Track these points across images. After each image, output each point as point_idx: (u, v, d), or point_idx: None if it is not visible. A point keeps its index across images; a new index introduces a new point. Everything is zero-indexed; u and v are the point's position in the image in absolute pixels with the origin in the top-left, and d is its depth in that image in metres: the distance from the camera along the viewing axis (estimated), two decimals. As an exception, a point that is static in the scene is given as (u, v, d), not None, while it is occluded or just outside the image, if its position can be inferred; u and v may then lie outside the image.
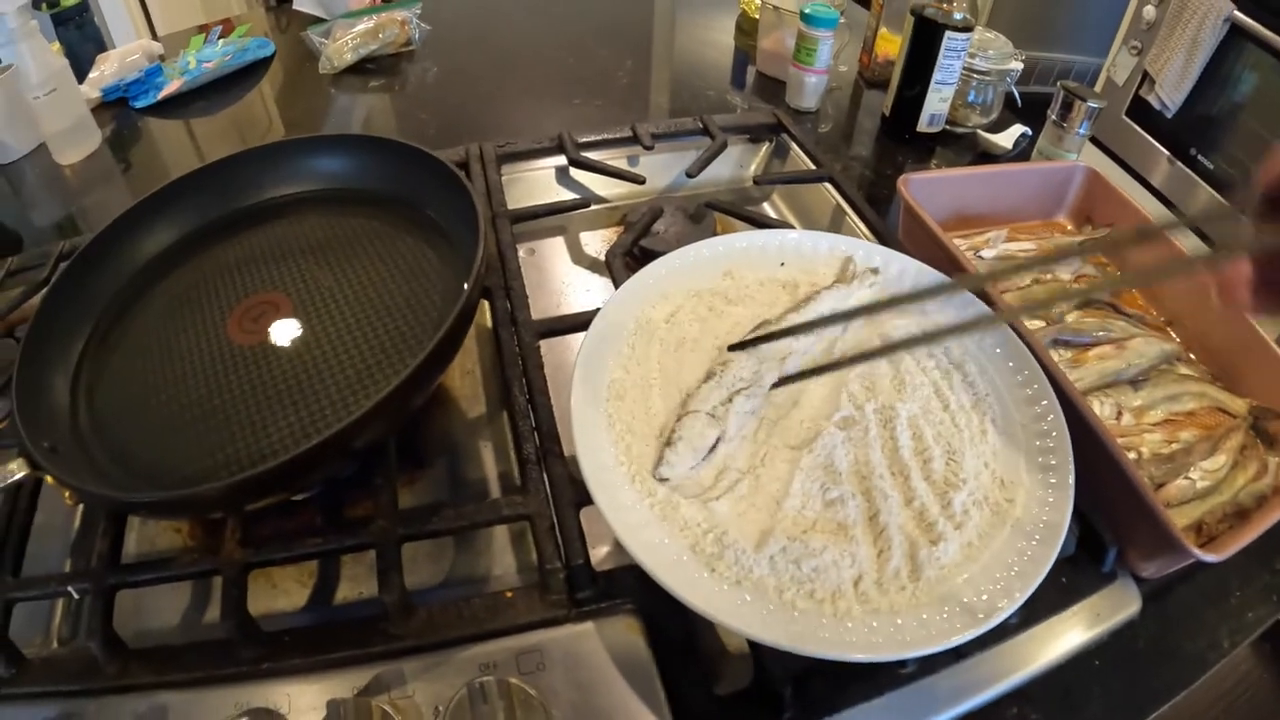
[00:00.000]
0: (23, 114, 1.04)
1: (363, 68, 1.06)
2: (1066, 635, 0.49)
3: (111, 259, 0.66)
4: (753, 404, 0.49)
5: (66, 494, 0.52)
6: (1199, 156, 1.01)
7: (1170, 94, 1.00)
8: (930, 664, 0.45)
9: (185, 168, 0.69)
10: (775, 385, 0.50)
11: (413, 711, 0.42)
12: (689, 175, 0.69)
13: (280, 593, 0.52)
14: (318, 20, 1.18)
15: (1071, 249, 0.69)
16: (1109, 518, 0.51)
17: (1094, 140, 0.88)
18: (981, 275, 0.55)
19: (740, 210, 0.66)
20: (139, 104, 1.10)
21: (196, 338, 0.60)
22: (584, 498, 0.47)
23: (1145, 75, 1.07)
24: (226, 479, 0.49)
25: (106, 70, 1.14)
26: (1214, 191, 1.03)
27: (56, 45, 1.14)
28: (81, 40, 1.26)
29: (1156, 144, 1.09)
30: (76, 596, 0.50)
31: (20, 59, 0.97)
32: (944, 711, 0.44)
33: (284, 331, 0.59)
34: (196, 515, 0.55)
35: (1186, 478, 0.55)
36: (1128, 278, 0.70)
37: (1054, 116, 0.75)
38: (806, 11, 0.81)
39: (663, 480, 0.45)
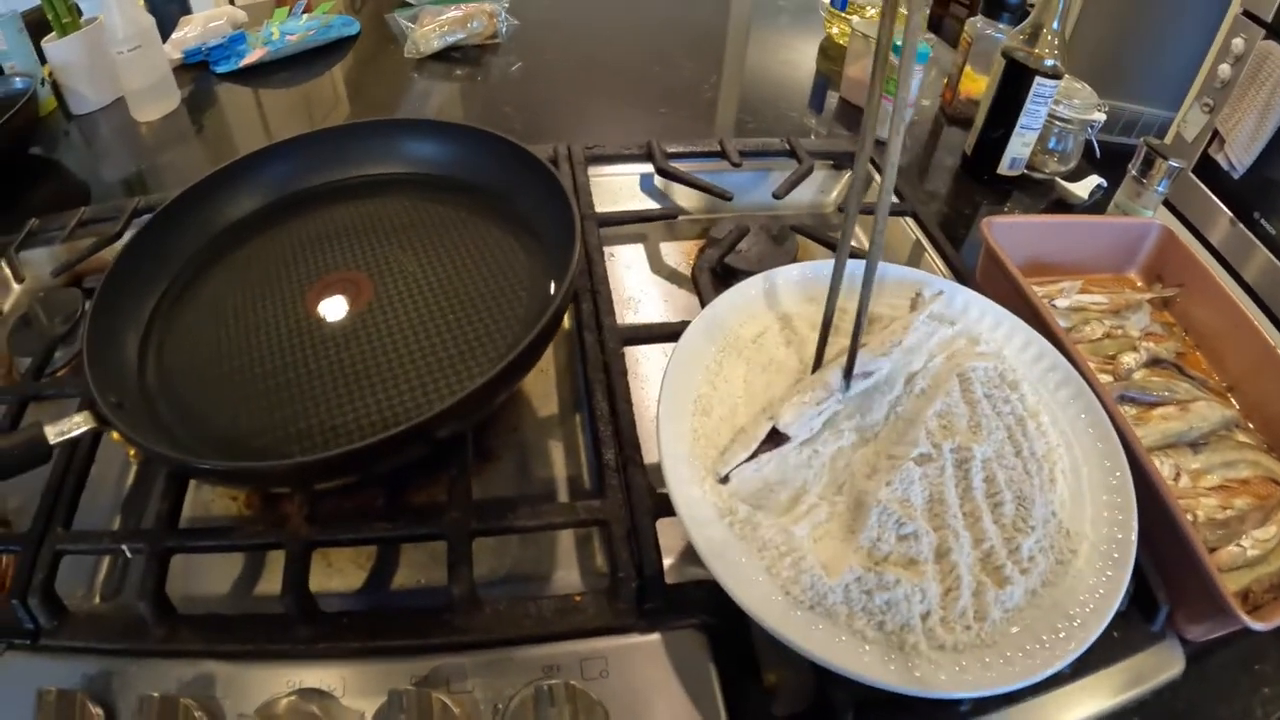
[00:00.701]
0: (103, 68, 1.06)
1: (447, 56, 1.08)
2: (1111, 691, 0.49)
3: (194, 219, 0.67)
4: (817, 395, 0.49)
5: (131, 451, 0.54)
6: (1261, 220, 1.01)
7: (1239, 154, 1.00)
8: (983, 705, 0.46)
9: (259, 137, 0.70)
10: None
11: (471, 707, 0.43)
12: (776, 196, 0.71)
13: (336, 572, 0.53)
14: (403, 4, 1.19)
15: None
16: (1162, 575, 0.52)
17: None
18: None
19: (824, 236, 0.67)
20: (220, 69, 1.12)
21: (274, 308, 0.61)
22: (661, 508, 0.48)
23: (1215, 133, 1.07)
24: (301, 456, 0.50)
25: (189, 33, 1.17)
26: (1273, 256, 1.03)
27: (141, 2, 1.16)
28: (165, 1, 1.29)
29: (1220, 203, 1.09)
30: (130, 555, 0.51)
31: (108, 13, 1.00)
32: None
33: (364, 311, 0.60)
34: (264, 488, 0.55)
35: (1238, 545, 0.55)
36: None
37: (1134, 172, 0.75)
38: (898, 44, 0.82)
39: (722, 481, 0.46)
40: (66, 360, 0.67)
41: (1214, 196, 1.15)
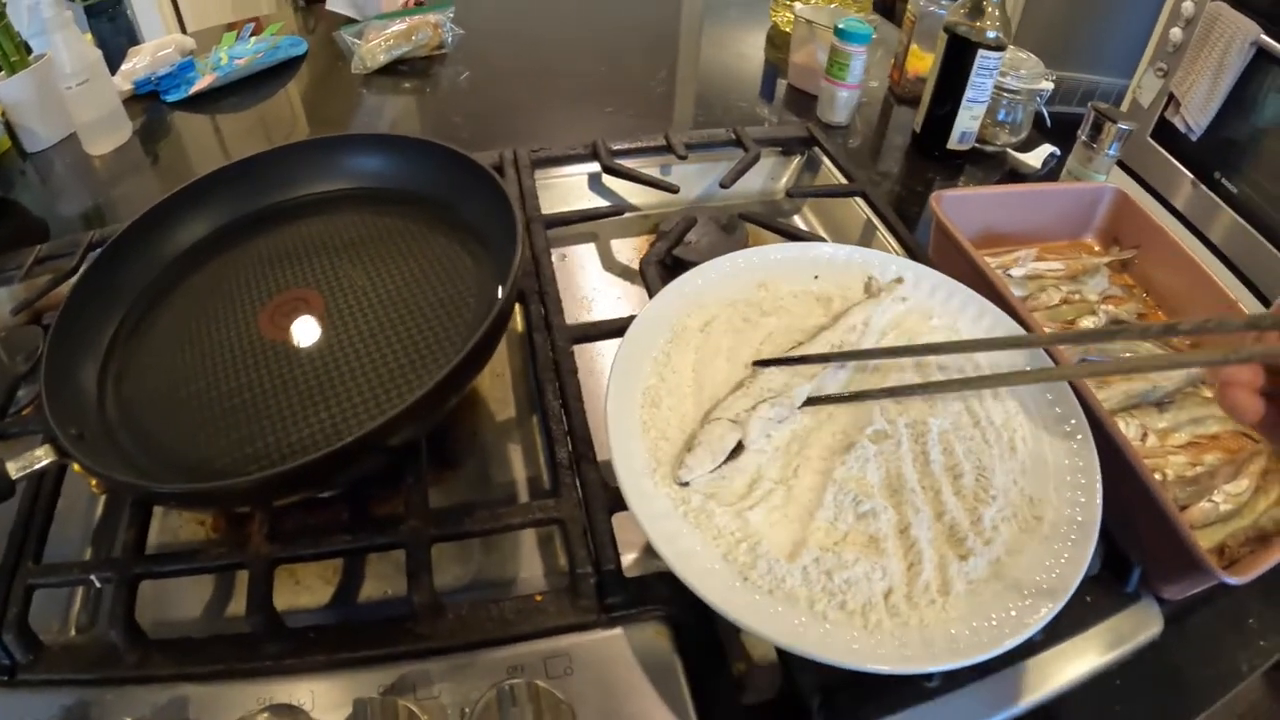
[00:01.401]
0: (53, 104, 1.05)
1: (394, 69, 1.08)
2: (1090, 654, 0.49)
3: (144, 249, 0.67)
4: (779, 412, 0.49)
5: (94, 482, 0.53)
6: (1223, 180, 1.02)
7: (1196, 117, 1.01)
8: (955, 679, 0.45)
9: (215, 162, 0.70)
10: (806, 404, 0.50)
11: (438, 712, 0.42)
12: (723, 186, 0.70)
13: (304, 589, 0.52)
14: (349, 21, 1.19)
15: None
16: (1133, 538, 0.51)
17: (1118, 162, 0.88)
18: (1046, 337, 0.54)
19: (773, 223, 0.66)
20: (170, 98, 1.11)
21: (228, 331, 0.60)
22: (616, 503, 0.47)
23: (1171, 97, 1.07)
24: (257, 473, 0.50)
25: (138, 63, 1.16)
26: (1237, 215, 1.03)
27: (89, 37, 1.16)
28: (114, 33, 1.28)
29: (1181, 166, 1.09)
30: (99, 585, 0.50)
31: (55, 49, 0.99)
32: None
33: (316, 328, 0.60)
34: (225, 508, 0.55)
35: (1210, 500, 0.55)
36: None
37: (1084, 137, 0.75)
38: (841, 27, 0.82)
39: (683, 485, 0.45)
40: (30, 399, 0.66)
41: (1174, 160, 1.16)
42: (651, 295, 0.55)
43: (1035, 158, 0.83)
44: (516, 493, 0.56)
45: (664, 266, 0.64)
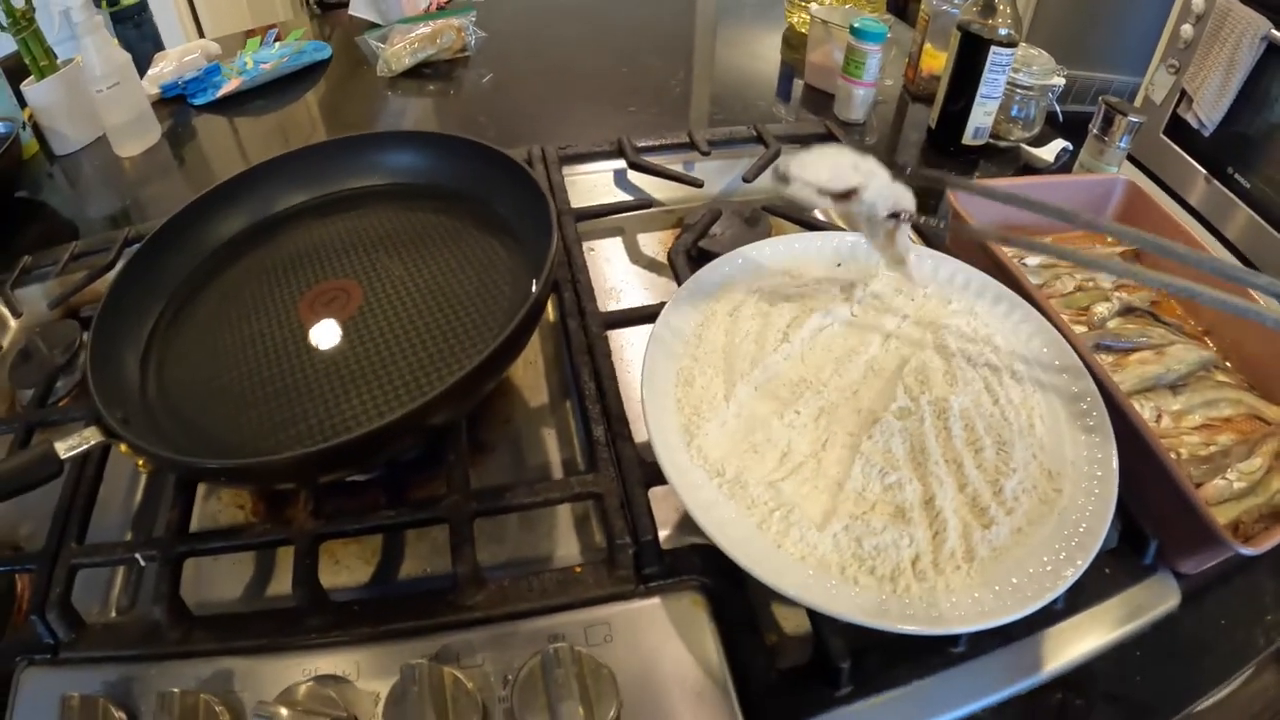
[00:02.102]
0: (82, 107, 1.07)
1: (419, 72, 1.10)
2: (1108, 625, 0.50)
3: (184, 241, 0.69)
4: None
5: (140, 461, 0.55)
6: (1236, 175, 1.03)
7: (1208, 112, 1.02)
8: (980, 645, 0.47)
9: (243, 164, 0.72)
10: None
11: (482, 679, 0.44)
12: (746, 180, 0.72)
13: (344, 569, 0.54)
14: (373, 26, 1.22)
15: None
16: (1150, 513, 0.53)
17: (1131, 159, 0.90)
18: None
19: (795, 215, 0.68)
20: (197, 101, 1.14)
21: (268, 320, 0.63)
22: (651, 478, 0.49)
23: (1183, 93, 1.09)
24: (306, 449, 0.52)
25: (165, 68, 1.19)
26: (1251, 211, 1.04)
27: (114, 42, 1.19)
28: (139, 39, 1.32)
29: (1194, 162, 1.10)
30: (143, 563, 0.52)
31: (85, 52, 1.01)
32: (992, 693, 0.46)
33: (355, 316, 0.62)
34: (271, 484, 0.56)
35: (1224, 478, 0.56)
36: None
37: (1095, 130, 0.77)
38: (856, 26, 0.84)
39: (783, 182, 0.49)
40: (68, 390, 0.69)
41: (1187, 156, 1.17)
42: (680, 283, 0.57)
43: (1048, 152, 0.84)
44: (551, 474, 0.57)
45: (689, 257, 0.66)
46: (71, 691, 0.44)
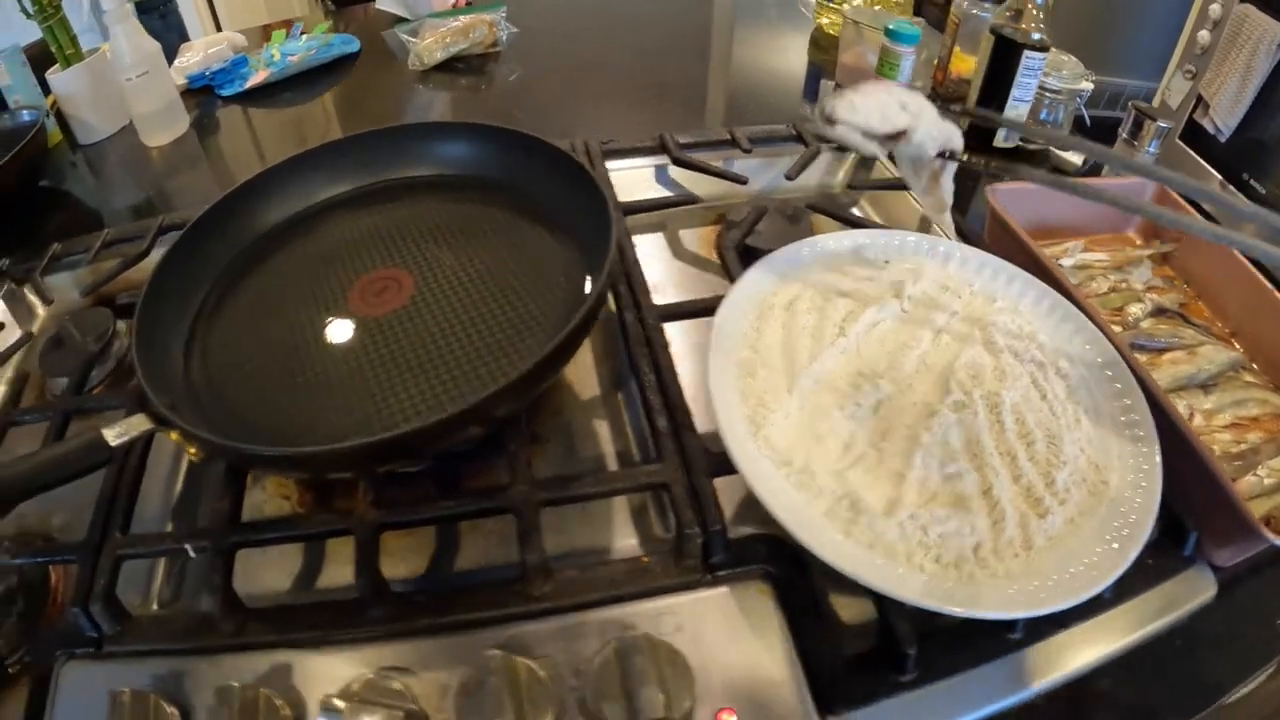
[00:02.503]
0: (108, 96, 1.07)
1: (450, 66, 1.11)
2: (1150, 614, 0.52)
3: (228, 228, 0.68)
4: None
5: (191, 449, 0.52)
6: (1252, 181, 1.04)
7: (1224, 118, 1.04)
8: (1036, 632, 0.48)
9: (274, 154, 0.72)
10: None
11: (553, 670, 0.44)
12: (788, 178, 0.74)
13: (400, 561, 0.53)
14: (399, 20, 1.22)
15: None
16: (1188, 507, 0.54)
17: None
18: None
19: (837, 213, 0.70)
20: (225, 92, 1.14)
21: (317, 308, 0.63)
22: (716, 468, 0.50)
23: (1200, 99, 1.10)
24: (368, 437, 0.50)
25: (191, 59, 1.19)
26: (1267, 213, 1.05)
27: (144, 31, 1.18)
28: (165, 29, 1.32)
29: (1209, 168, 1.12)
30: (194, 554, 0.51)
31: (115, 40, 1.01)
32: (1047, 678, 0.47)
33: (408, 306, 0.62)
34: (329, 474, 0.55)
35: (1255, 475, 0.58)
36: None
37: (1124, 135, 0.79)
38: (891, 28, 0.86)
39: (828, 122, 0.51)
40: (101, 378, 0.69)
41: (1203, 161, 1.18)
42: (731, 278, 0.59)
43: (1076, 155, 0.86)
44: (605, 465, 0.58)
45: (735, 253, 0.67)
46: (119, 687, 0.44)
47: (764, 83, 1.09)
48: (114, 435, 0.49)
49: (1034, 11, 0.79)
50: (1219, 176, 1.10)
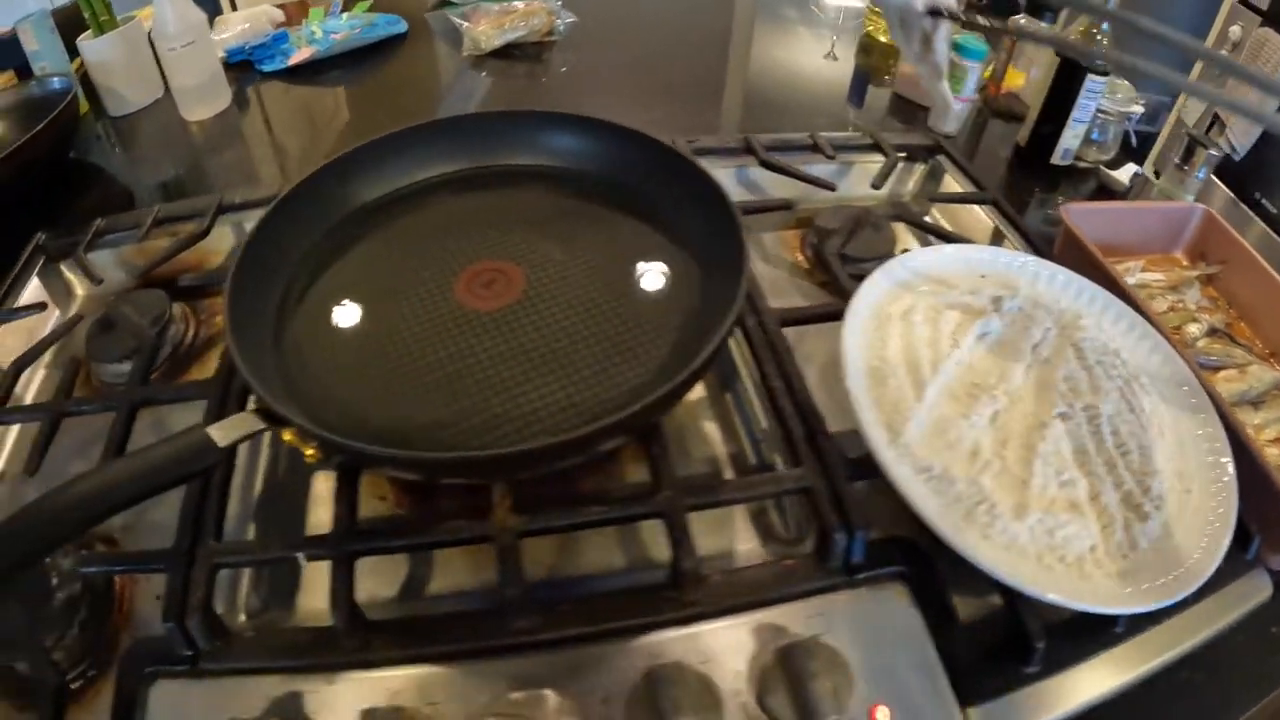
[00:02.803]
0: (142, 66, 1.04)
1: (505, 53, 1.10)
2: (1218, 613, 0.56)
3: (319, 205, 0.66)
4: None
5: (309, 450, 0.48)
6: (1262, 200, 1.10)
7: (1239, 138, 1.09)
8: (1134, 627, 0.52)
9: (323, 135, 0.70)
10: None
11: (720, 674, 0.44)
12: (874, 187, 0.77)
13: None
14: (446, 3, 1.21)
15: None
16: (1251, 514, 0.59)
17: (1157, 175, 0.97)
18: None
19: (922, 222, 0.73)
20: (266, 68, 1.12)
21: (421, 299, 0.61)
22: (855, 472, 0.52)
23: (1215, 118, 1.15)
24: (498, 445, 0.50)
25: (229, 33, 1.16)
26: (1274, 234, 1.12)
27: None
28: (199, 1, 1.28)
29: (1221, 185, 1.18)
30: (305, 563, 0.48)
31: (159, 8, 0.98)
32: (1142, 667, 0.51)
33: (520, 301, 0.60)
34: (492, 478, 0.52)
35: (1299, 487, 0.64)
36: None
37: (1176, 160, 0.84)
38: (959, 42, 0.89)
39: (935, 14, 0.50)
40: (155, 366, 0.66)
41: (1215, 179, 1.24)
42: (839, 284, 0.62)
43: (1124, 175, 0.91)
44: (720, 468, 0.58)
45: (838, 260, 0.70)
46: (226, 708, 0.42)
47: (788, 85, 1.10)
48: (222, 435, 0.45)
49: (1099, 37, 0.83)
50: (1230, 193, 1.17)
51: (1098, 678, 0.50)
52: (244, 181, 0.88)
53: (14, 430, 0.63)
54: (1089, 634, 0.52)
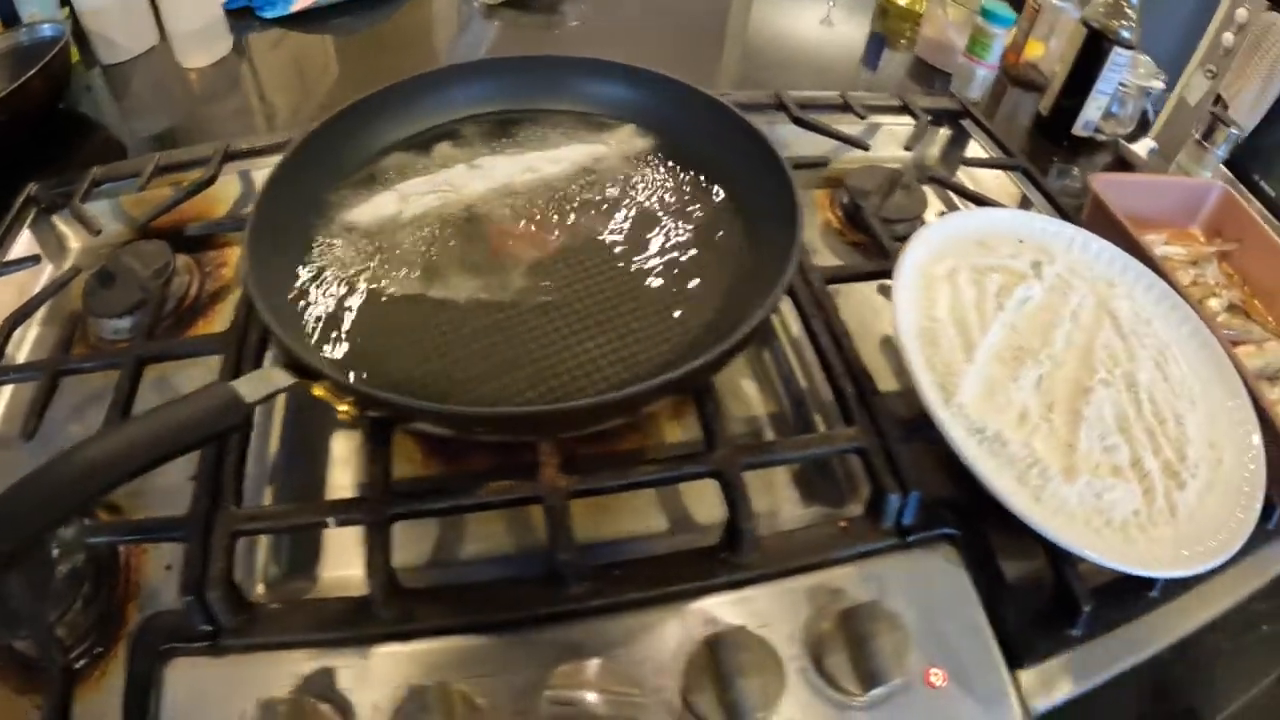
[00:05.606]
0: (136, 11, 0.98)
1: (518, 3, 1.06)
2: (1243, 579, 0.57)
3: (340, 148, 0.63)
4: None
5: (343, 407, 0.45)
6: (1261, 182, 1.11)
7: (1242, 119, 1.09)
8: (1168, 591, 0.53)
9: (329, 82, 0.67)
10: None
11: (776, 639, 0.44)
12: (907, 149, 0.76)
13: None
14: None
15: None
16: (1270, 484, 0.60)
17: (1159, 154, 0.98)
18: None
19: (955, 185, 0.73)
20: (268, 14, 1.06)
21: (455, 250, 0.59)
22: (908, 433, 0.52)
23: (1218, 98, 1.16)
24: (542, 401, 0.48)
25: (228, -24, 1.10)
26: (1271, 215, 1.14)
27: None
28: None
29: (1222, 166, 1.19)
30: (334, 527, 0.45)
31: (157, -52, 0.92)
32: (1176, 631, 0.52)
33: (557, 255, 0.59)
34: (542, 435, 0.49)
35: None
36: None
37: (1197, 136, 0.84)
38: (987, 8, 0.88)
39: None
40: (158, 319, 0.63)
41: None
42: (882, 244, 0.61)
43: (1141, 149, 0.92)
44: (759, 428, 0.58)
45: (878, 221, 0.69)
46: (249, 686, 0.39)
47: (830, 50, 1.09)
48: (250, 390, 0.41)
49: (1127, 10, 0.83)
50: (1230, 174, 1.18)
51: (1134, 640, 0.51)
52: (246, 132, 0.84)
53: (6, 392, 0.59)
54: (1131, 597, 0.53)
